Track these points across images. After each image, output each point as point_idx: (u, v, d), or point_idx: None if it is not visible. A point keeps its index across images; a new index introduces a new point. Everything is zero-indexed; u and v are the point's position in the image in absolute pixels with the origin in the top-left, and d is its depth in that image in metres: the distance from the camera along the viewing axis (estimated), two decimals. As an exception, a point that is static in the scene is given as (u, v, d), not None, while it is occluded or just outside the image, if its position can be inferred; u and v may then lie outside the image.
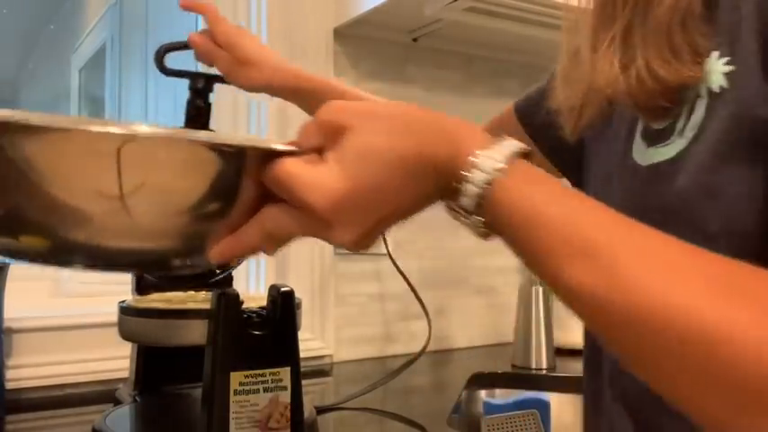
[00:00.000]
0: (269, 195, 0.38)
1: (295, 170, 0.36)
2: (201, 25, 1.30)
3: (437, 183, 0.37)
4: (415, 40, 1.38)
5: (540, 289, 1.23)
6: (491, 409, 1.10)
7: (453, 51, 1.43)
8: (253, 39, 0.81)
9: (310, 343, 1.23)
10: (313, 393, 1.07)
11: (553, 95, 0.56)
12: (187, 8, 0.82)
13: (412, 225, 0.37)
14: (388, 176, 0.36)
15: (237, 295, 0.70)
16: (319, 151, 0.37)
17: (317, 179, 0.36)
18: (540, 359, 1.21)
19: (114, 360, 1.03)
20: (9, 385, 0.97)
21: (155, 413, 0.85)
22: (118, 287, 0.97)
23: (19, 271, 1.07)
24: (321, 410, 0.92)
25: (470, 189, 0.35)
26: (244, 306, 0.68)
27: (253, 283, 1.25)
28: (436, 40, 1.39)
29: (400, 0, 1.16)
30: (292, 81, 0.79)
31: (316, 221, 0.36)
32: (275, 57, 0.80)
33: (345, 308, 1.30)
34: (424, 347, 1.05)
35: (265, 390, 0.69)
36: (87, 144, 0.34)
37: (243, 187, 0.38)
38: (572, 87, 0.53)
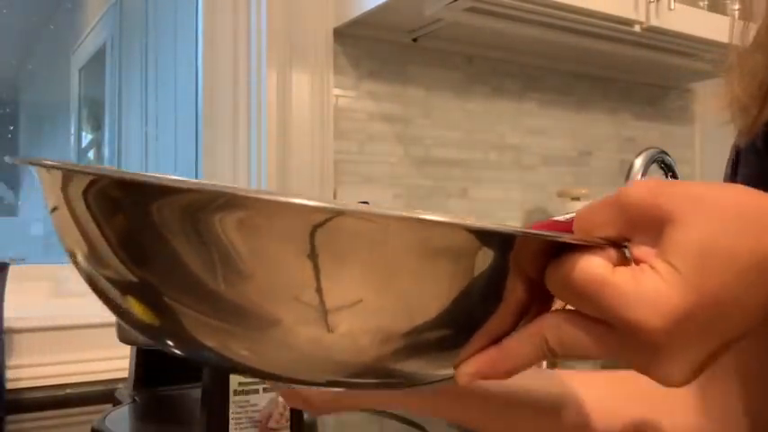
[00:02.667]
0: (534, 298, 0.30)
1: (610, 276, 0.27)
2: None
3: None
4: (415, 40, 1.38)
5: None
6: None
7: (453, 51, 1.43)
8: None
9: (310, 343, 1.23)
10: (313, 393, 1.06)
11: (725, 91, 0.46)
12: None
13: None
14: (734, 285, 0.27)
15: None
16: (615, 245, 0.29)
17: (646, 289, 0.27)
18: (540, 359, 1.21)
19: (114, 360, 1.03)
20: (9, 385, 0.97)
21: (154, 413, 0.85)
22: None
23: (19, 271, 1.07)
24: (321, 411, 0.91)
25: None
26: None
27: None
28: (436, 40, 1.39)
29: (400, 0, 1.16)
30: None
31: (632, 343, 0.27)
32: None
33: (345, 308, 1.30)
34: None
35: (265, 390, 0.69)
36: (297, 221, 0.25)
37: (508, 289, 0.29)
38: (747, 80, 0.44)
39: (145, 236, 0.26)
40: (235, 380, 0.67)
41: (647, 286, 0.27)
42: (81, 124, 2.59)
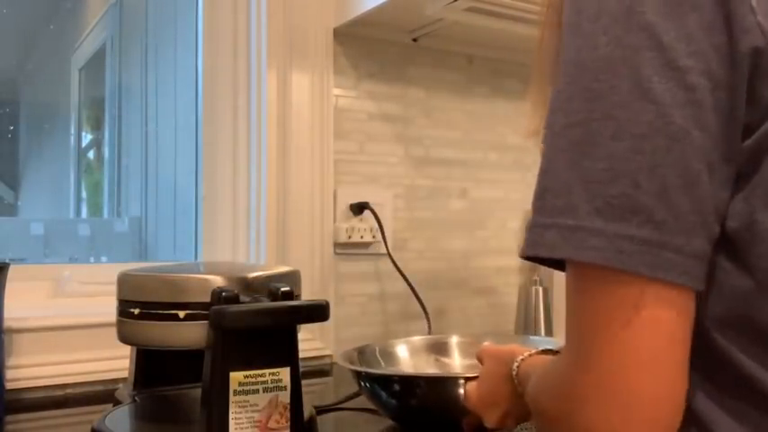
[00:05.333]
0: None
1: (467, 387, 0.75)
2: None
3: (511, 377, 0.67)
4: (415, 40, 1.38)
5: (540, 289, 1.23)
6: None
7: (453, 51, 1.43)
8: None
9: (310, 343, 1.23)
10: (313, 393, 1.07)
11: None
12: None
13: (412, 226, 0.38)
14: (494, 385, 0.70)
15: (237, 296, 0.69)
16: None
17: (470, 391, 0.73)
18: (540, 359, 1.21)
19: (114, 360, 1.03)
20: (9, 385, 0.97)
21: (154, 413, 0.85)
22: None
23: (19, 271, 1.07)
24: (321, 410, 0.92)
25: (513, 370, 0.67)
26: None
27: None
28: (436, 40, 1.39)
29: (400, 0, 1.16)
30: None
31: (475, 411, 0.73)
32: None
33: (345, 308, 1.30)
34: (424, 347, 1.05)
35: (265, 390, 0.69)
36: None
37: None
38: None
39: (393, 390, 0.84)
40: (235, 380, 0.67)
41: (470, 389, 0.74)
42: (81, 124, 2.59)
